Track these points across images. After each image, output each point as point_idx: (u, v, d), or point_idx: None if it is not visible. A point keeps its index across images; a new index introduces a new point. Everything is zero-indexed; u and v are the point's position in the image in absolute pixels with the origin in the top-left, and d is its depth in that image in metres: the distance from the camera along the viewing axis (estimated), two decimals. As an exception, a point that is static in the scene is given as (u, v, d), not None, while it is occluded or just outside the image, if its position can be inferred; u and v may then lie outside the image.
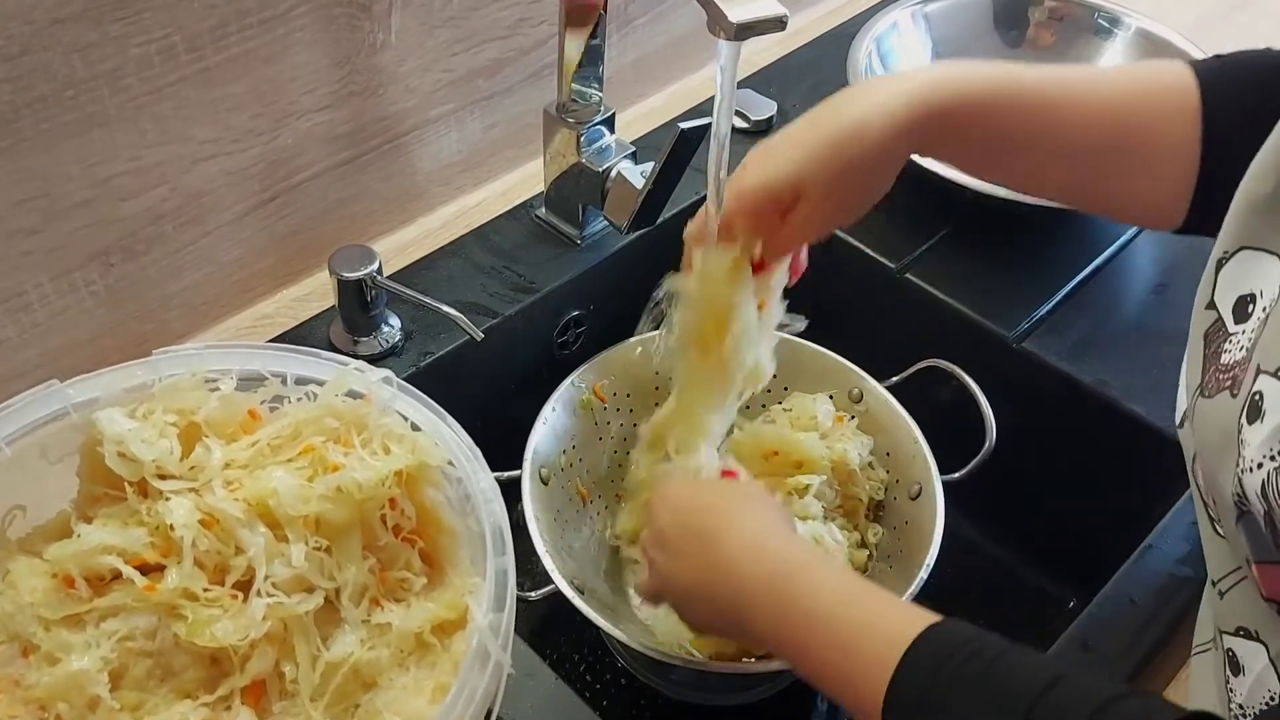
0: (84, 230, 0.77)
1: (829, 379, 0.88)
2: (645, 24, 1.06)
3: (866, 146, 0.63)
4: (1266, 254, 0.51)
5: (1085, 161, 0.65)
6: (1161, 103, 0.63)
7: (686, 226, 0.72)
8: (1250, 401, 0.47)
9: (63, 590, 0.57)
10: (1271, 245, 0.51)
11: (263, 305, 0.92)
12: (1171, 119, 0.63)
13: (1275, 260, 0.50)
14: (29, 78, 0.68)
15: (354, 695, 0.58)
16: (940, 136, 0.64)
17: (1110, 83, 0.65)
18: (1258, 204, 0.52)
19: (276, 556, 0.58)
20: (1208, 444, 0.51)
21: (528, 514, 0.78)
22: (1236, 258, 0.53)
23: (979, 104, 0.63)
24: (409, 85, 0.90)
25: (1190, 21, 1.15)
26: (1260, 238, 0.51)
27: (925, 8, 1.12)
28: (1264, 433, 0.46)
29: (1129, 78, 0.65)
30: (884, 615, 0.54)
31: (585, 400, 0.87)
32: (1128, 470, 0.89)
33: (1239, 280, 0.52)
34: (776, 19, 0.63)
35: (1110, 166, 0.64)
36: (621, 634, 0.73)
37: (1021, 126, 0.64)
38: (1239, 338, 0.51)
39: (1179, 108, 0.63)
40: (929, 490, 0.81)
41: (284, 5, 0.78)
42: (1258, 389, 0.47)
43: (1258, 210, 0.52)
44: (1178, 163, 0.63)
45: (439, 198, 1.00)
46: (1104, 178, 0.65)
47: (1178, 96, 0.63)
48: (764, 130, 1.09)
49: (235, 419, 0.62)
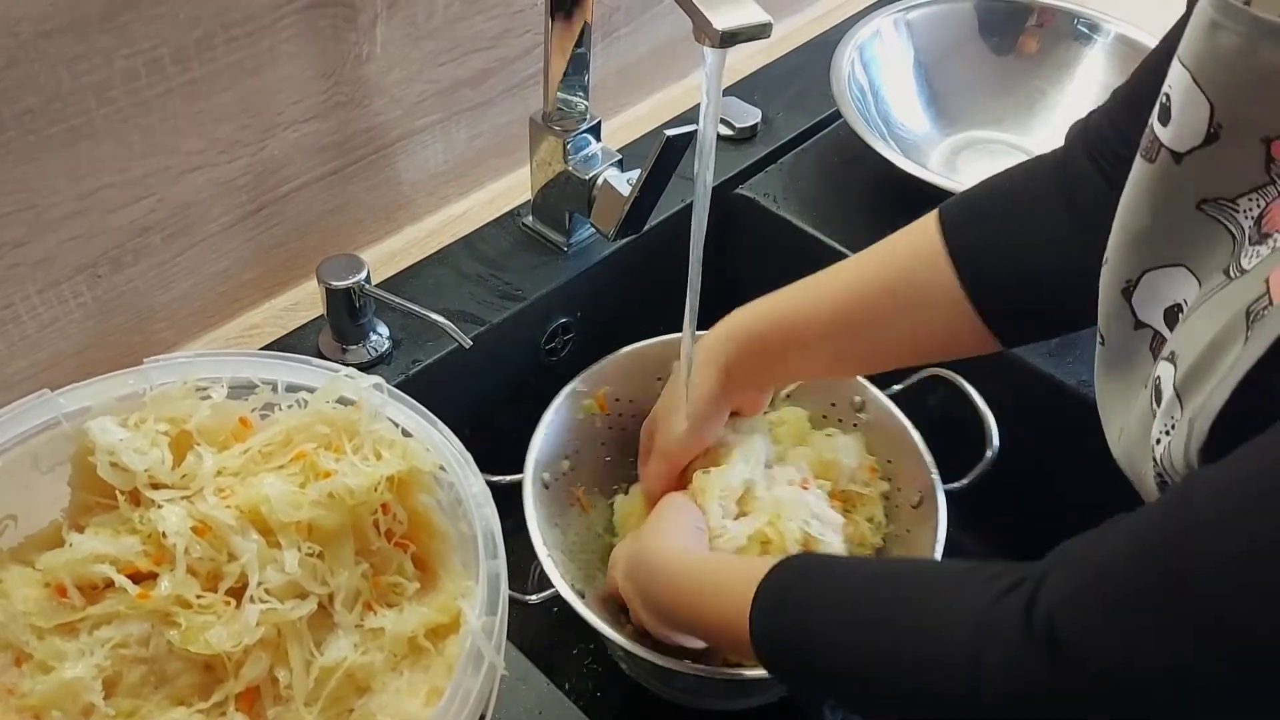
0: (71, 242, 0.77)
1: (831, 388, 0.89)
2: (630, 32, 1.07)
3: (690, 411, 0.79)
4: (1173, 268, 0.53)
5: (854, 335, 0.74)
6: (906, 255, 0.72)
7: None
8: (1155, 388, 0.50)
9: (55, 599, 0.57)
10: (1173, 260, 0.53)
11: (251, 315, 0.92)
12: (919, 264, 0.71)
13: (1182, 270, 0.53)
14: (15, 90, 0.69)
15: (348, 700, 0.58)
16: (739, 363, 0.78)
17: (865, 257, 0.75)
18: (1140, 236, 0.54)
19: (269, 563, 0.58)
20: (1131, 450, 0.55)
21: (529, 517, 0.78)
22: (1143, 282, 0.55)
23: (750, 331, 0.78)
24: (394, 96, 0.90)
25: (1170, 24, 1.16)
26: (1158, 258, 0.54)
27: (908, 15, 1.13)
28: (1161, 410, 0.49)
29: (882, 246, 0.75)
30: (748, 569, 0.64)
31: (587, 406, 0.88)
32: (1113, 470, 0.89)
33: (1156, 298, 0.55)
34: (761, 26, 0.64)
35: (877, 329, 0.74)
36: (621, 639, 0.74)
37: (786, 333, 0.76)
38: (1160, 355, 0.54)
39: (925, 252, 0.71)
40: (930, 500, 0.81)
41: (269, 17, 0.78)
42: (1157, 374, 0.50)
43: (1142, 241, 0.54)
44: (943, 301, 0.70)
45: (425, 207, 1.00)
46: (881, 339, 0.74)
47: (923, 245, 0.71)
48: (748, 137, 1.10)
49: (227, 427, 0.62)
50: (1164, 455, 0.48)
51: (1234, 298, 0.46)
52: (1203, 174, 0.50)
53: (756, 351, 0.77)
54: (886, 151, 1.00)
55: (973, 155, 1.12)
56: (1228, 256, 0.49)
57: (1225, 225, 0.50)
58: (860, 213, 1.03)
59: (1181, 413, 0.47)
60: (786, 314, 0.77)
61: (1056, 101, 1.14)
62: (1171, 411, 0.48)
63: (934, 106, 1.14)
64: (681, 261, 0.77)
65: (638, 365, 0.89)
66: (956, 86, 1.15)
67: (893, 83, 1.12)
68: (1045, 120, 1.13)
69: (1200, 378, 0.46)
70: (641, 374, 0.89)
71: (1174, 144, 0.50)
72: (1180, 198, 0.51)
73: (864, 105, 1.07)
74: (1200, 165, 0.50)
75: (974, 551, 1.02)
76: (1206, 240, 0.50)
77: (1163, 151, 0.51)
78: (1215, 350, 0.46)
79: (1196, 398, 0.46)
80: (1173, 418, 0.48)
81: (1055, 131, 1.12)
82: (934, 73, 1.15)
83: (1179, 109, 0.50)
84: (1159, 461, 0.49)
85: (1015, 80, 1.15)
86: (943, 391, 0.87)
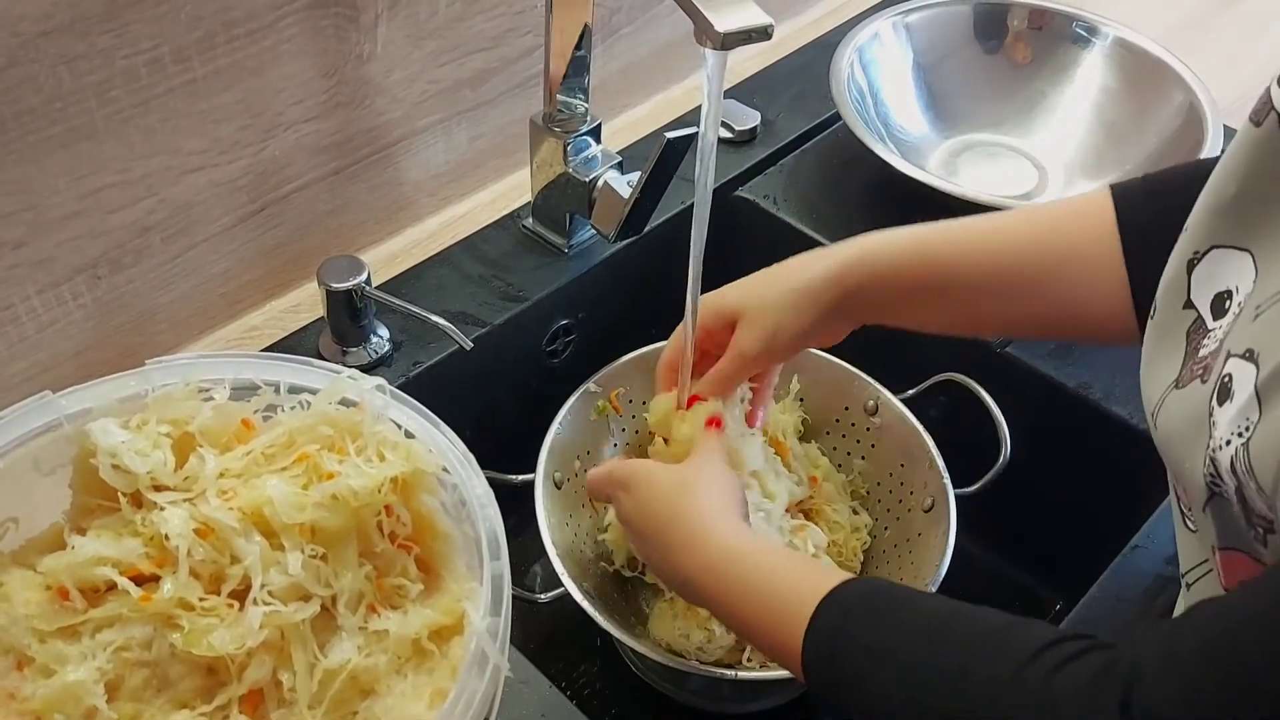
0: (71, 243, 0.77)
1: (845, 391, 0.89)
2: (630, 34, 1.07)
3: (795, 286, 0.71)
4: (1237, 251, 0.53)
5: (1006, 294, 0.69)
6: (1075, 225, 0.68)
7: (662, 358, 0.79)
8: (1220, 384, 0.49)
9: (57, 602, 0.57)
10: (1241, 242, 0.52)
11: (251, 317, 0.91)
12: (1087, 238, 0.67)
13: (1247, 256, 0.52)
14: (16, 90, 0.68)
15: (352, 702, 0.58)
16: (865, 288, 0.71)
17: (1023, 218, 0.70)
18: (1223, 206, 0.53)
19: (272, 565, 0.58)
20: (1175, 434, 0.53)
21: (540, 517, 0.78)
22: (1208, 257, 0.54)
23: (894, 259, 0.71)
24: (396, 96, 0.90)
25: (1171, 28, 1.17)
26: (1230, 236, 0.53)
27: (906, 18, 1.13)
28: (1232, 411, 0.47)
29: (1044, 209, 0.70)
30: (806, 579, 0.59)
31: (601, 406, 0.88)
32: (1113, 471, 0.90)
33: (1212, 278, 0.54)
34: (763, 29, 0.64)
35: (1031, 294, 0.69)
36: (632, 641, 0.74)
37: (932, 274, 0.70)
38: (1215, 332, 0.53)
39: (1094, 227, 0.67)
40: (942, 504, 0.81)
41: (271, 16, 0.78)
42: (1227, 372, 0.49)
43: (1223, 212, 0.53)
44: (1103, 280, 0.66)
45: (426, 208, 1.00)
46: (1031, 305, 0.69)
47: (1092, 217, 0.67)
48: (748, 139, 1.10)
49: (229, 428, 0.62)
50: (1233, 458, 0.46)
51: None
52: None
53: (892, 284, 0.71)
54: (886, 154, 1.00)
55: (972, 158, 1.12)
56: None
57: None
58: (860, 215, 1.03)
59: (1261, 416, 0.45)
60: (937, 254, 0.70)
61: (1055, 104, 1.14)
62: (1248, 414, 0.46)
63: (933, 109, 1.14)
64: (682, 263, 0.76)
65: (652, 366, 0.89)
66: (955, 89, 1.15)
67: (892, 85, 1.12)
68: (1044, 123, 1.14)
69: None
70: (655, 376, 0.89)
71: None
72: (1272, 168, 0.50)
73: (863, 107, 1.07)
74: None
75: (979, 556, 1.02)
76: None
77: (1271, 115, 0.50)
78: None
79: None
80: (1249, 419, 0.46)
81: (1053, 134, 1.13)
82: (933, 75, 1.15)
83: None
84: (1216, 462, 0.47)
85: (1014, 83, 1.15)
86: (951, 396, 0.87)
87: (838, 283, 0.70)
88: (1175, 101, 1.06)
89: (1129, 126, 1.09)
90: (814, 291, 0.71)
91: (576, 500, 0.86)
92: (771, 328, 0.71)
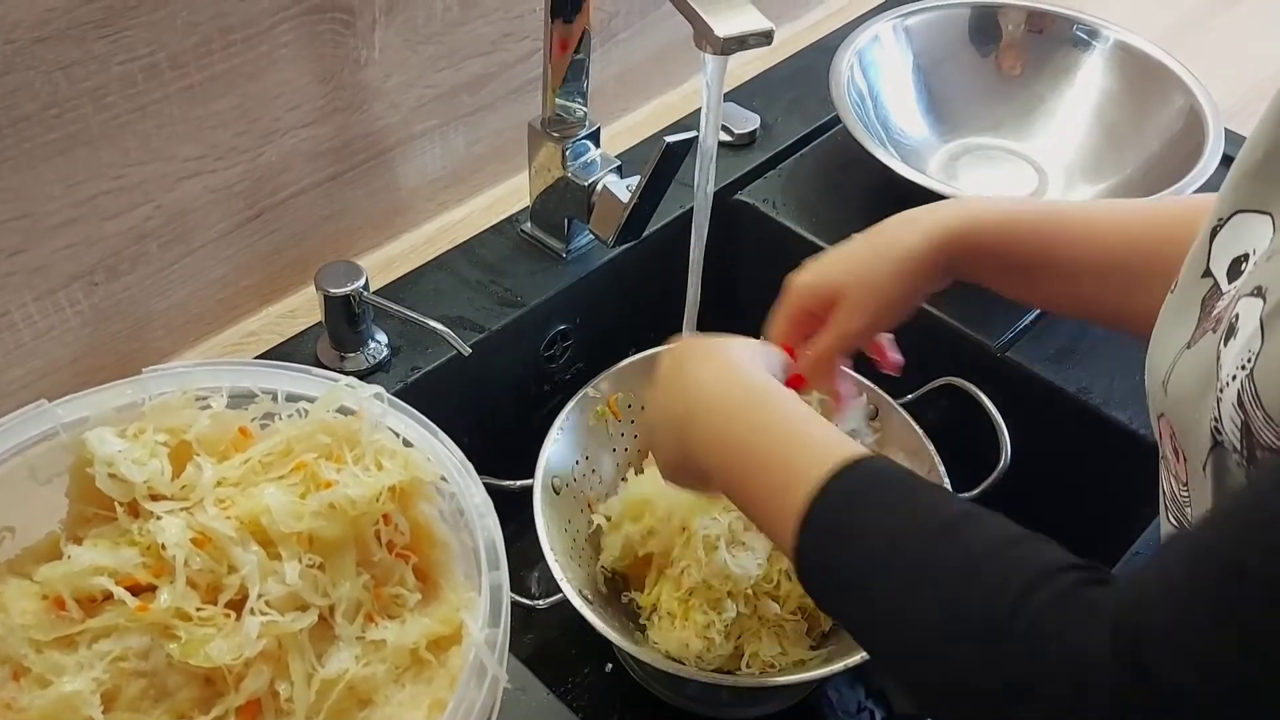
0: (67, 250, 0.76)
1: None
2: (629, 38, 1.07)
3: (900, 256, 0.69)
4: (1259, 215, 0.53)
5: (1103, 279, 0.68)
6: (1176, 224, 0.66)
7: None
8: (1229, 326, 0.49)
9: (53, 612, 0.57)
10: (1264, 205, 0.52)
11: (248, 322, 0.91)
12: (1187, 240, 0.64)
13: (1267, 219, 0.52)
14: (11, 96, 0.68)
15: (350, 712, 0.58)
16: (968, 257, 0.69)
17: (1129, 208, 0.70)
18: (1250, 169, 0.53)
19: (270, 574, 0.57)
20: (1187, 393, 0.52)
21: (539, 523, 0.78)
22: (1230, 223, 0.54)
23: (1001, 229, 0.69)
24: (393, 101, 0.90)
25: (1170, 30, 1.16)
26: (1254, 200, 0.53)
27: (906, 21, 1.13)
28: (1237, 346, 0.47)
29: (1149, 204, 0.70)
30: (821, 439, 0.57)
31: (600, 411, 0.88)
32: (1113, 476, 0.89)
33: (1233, 243, 0.54)
34: (763, 33, 0.64)
35: (1127, 284, 0.67)
36: (631, 647, 0.73)
37: (1039, 249, 0.69)
38: (1230, 294, 0.53)
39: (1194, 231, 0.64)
40: None
41: (267, 22, 0.78)
42: (1236, 312, 0.49)
43: (1249, 175, 0.53)
44: None
45: (424, 213, 0.99)
46: (1123, 295, 0.68)
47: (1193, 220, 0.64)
48: (747, 143, 1.10)
49: (226, 437, 0.62)
50: (1240, 391, 0.46)
51: None
52: None
53: (998, 256, 0.69)
54: (885, 157, 1.00)
55: (971, 161, 1.12)
56: None
57: None
58: (859, 218, 1.02)
59: (1263, 344, 0.45)
60: (1049, 227, 0.68)
61: (1055, 108, 1.14)
62: (1250, 345, 0.46)
63: (933, 112, 1.14)
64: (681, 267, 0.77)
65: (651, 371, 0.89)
66: (955, 92, 1.15)
67: (891, 88, 1.12)
68: (1044, 126, 1.13)
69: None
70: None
71: None
72: None
73: (863, 111, 1.07)
74: None
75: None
76: None
77: None
78: None
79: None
80: (1251, 351, 0.46)
81: (1053, 137, 1.13)
82: (933, 78, 1.15)
83: None
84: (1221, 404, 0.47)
85: (1014, 86, 1.15)
86: (951, 401, 0.87)
87: (944, 252, 0.69)
88: (1176, 104, 1.06)
89: (1129, 129, 1.09)
90: (917, 264, 0.69)
91: (575, 506, 0.86)
92: (876, 304, 0.70)
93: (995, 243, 0.69)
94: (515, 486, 0.82)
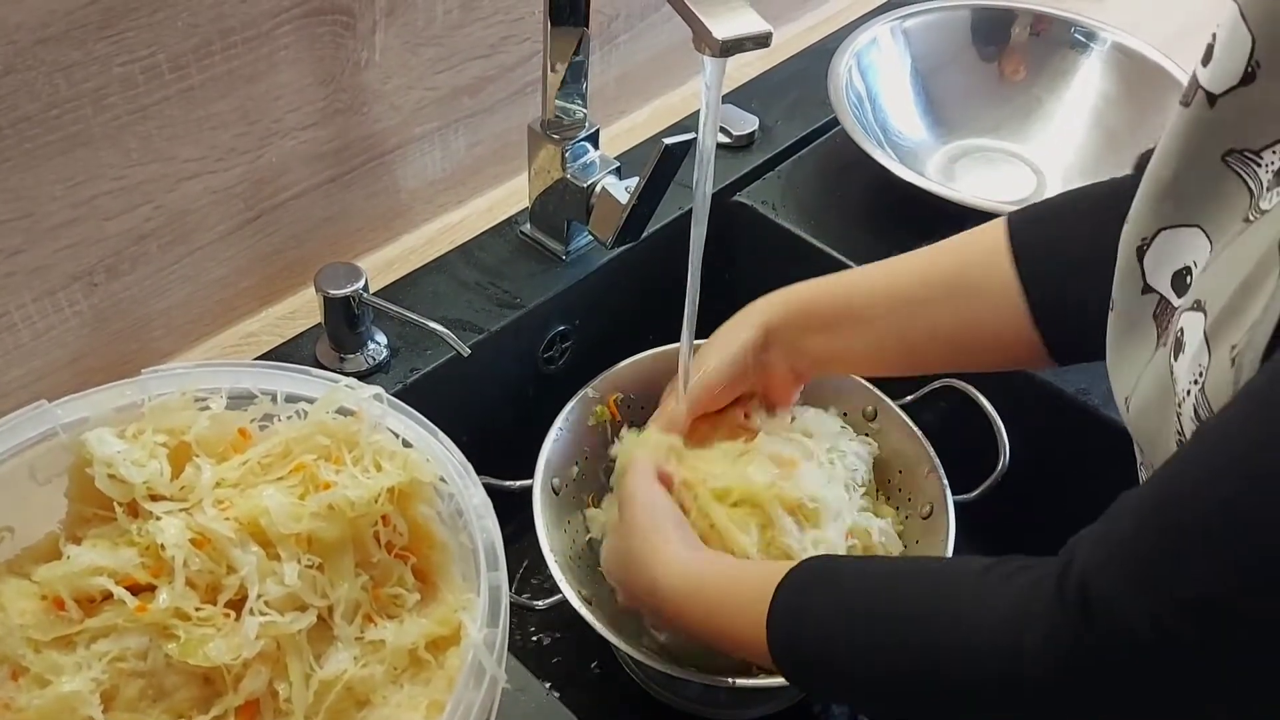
0: (67, 250, 0.77)
1: (844, 397, 0.89)
2: (628, 40, 1.07)
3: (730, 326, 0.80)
4: (1186, 228, 0.54)
5: (906, 312, 0.74)
6: (970, 246, 0.72)
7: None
8: (1175, 340, 0.51)
9: (52, 612, 0.57)
10: (1189, 219, 0.54)
11: (248, 324, 0.91)
12: (981, 256, 0.71)
13: (1197, 231, 0.53)
14: (12, 97, 0.68)
15: (349, 713, 0.58)
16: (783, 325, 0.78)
17: (925, 248, 0.75)
18: (1163, 188, 0.55)
19: (269, 575, 0.57)
20: (1147, 408, 0.55)
21: (538, 523, 0.78)
22: (1157, 240, 0.56)
23: (805, 292, 0.78)
24: (393, 103, 0.90)
25: (1168, 34, 1.16)
26: (1176, 216, 0.55)
27: (904, 24, 1.13)
28: (1186, 361, 0.49)
29: (945, 241, 0.75)
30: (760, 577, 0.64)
31: (599, 412, 0.88)
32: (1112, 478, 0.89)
33: (1167, 259, 0.55)
34: (761, 35, 0.64)
35: (930, 310, 0.73)
36: (629, 648, 0.73)
37: (839, 302, 0.77)
38: (1181, 308, 0.53)
39: (986, 247, 0.71)
40: (940, 510, 0.81)
41: (268, 24, 0.78)
42: (1180, 326, 0.51)
43: (1165, 194, 0.55)
44: (1002, 296, 0.70)
45: (423, 215, 1.00)
46: (930, 322, 0.74)
47: (988, 238, 0.71)
48: (746, 145, 1.10)
49: (225, 438, 0.62)
50: (1195, 406, 0.48)
51: (1260, 236, 0.47)
52: (1233, 119, 0.51)
53: (802, 317, 0.78)
54: (884, 159, 1.00)
55: (970, 163, 1.12)
56: (1244, 209, 0.50)
57: (1245, 180, 0.50)
58: (858, 220, 1.03)
59: (1210, 359, 0.47)
60: (842, 288, 0.77)
61: (1053, 110, 1.14)
62: (1199, 359, 0.48)
63: (931, 114, 1.14)
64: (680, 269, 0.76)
65: (650, 372, 0.89)
66: (953, 94, 1.15)
67: (890, 90, 1.12)
68: (1042, 128, 1.13)
69: (1233, 320, 0.46)
70: (654, 381, 0.88)
71: (1211, 85, 0.51)
72: (1209, 145, 0.52)
73: (861, 113, 1.07)
74: (1233, 108, 0.51)
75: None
76: (1225, 197, 0.51)
77: (1199, 94, 0.52)
78: (1248, 290, 0.45)
79: (1230, 338, 0.46)
80: (1200, 365, 0.47)
81: (1051, 139, 1.13)
82: (931, 81, 1.15)
83: (1221, 47, 0.51)
84: (1181, 418, 0.49)
85: (1012, 88, 1.15)
86: (950, 402, 0.87)
87: (759, 316, 0.79)
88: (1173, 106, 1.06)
89: (1127, 132, 1.09)
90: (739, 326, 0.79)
91: (574, 506, 0.86)
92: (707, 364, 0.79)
93: (798, 304, 0.78)
94: (514, 487, 0.83)
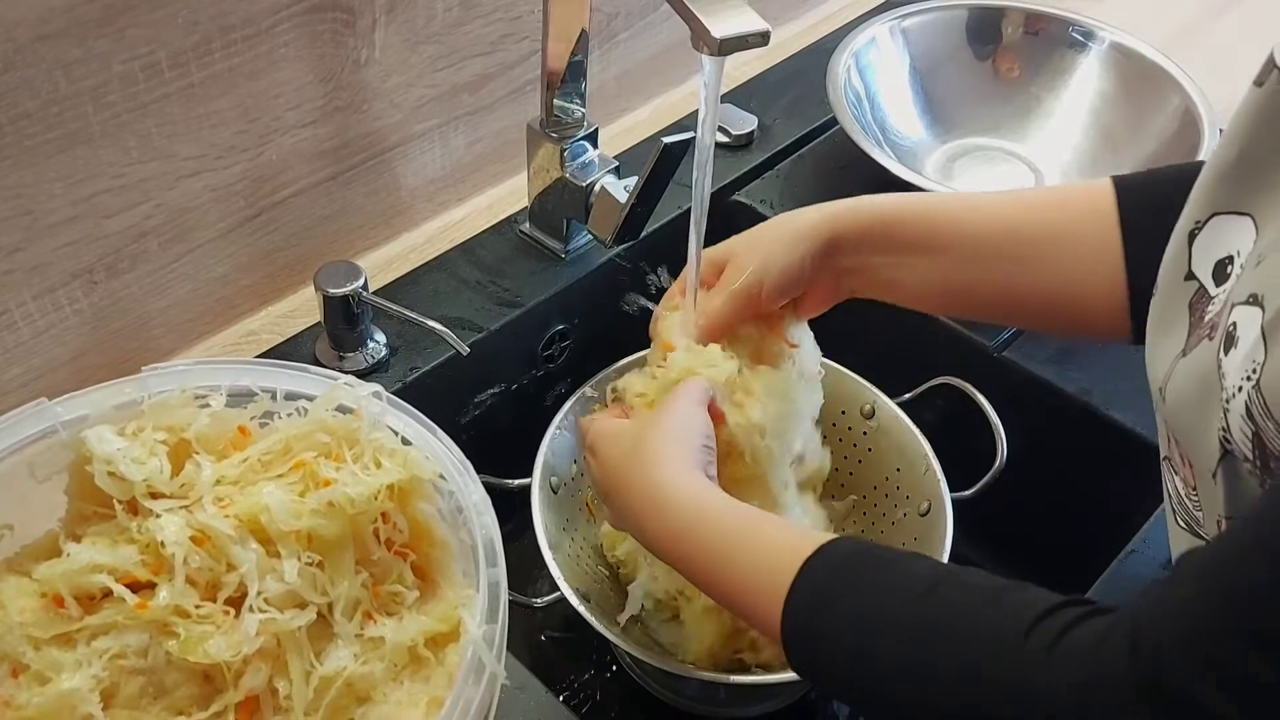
0: (67, 248, 0.77)
1: (842, 395, 0.89)
2: (627, 39, 1.07)
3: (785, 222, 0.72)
4: (1238, 216, 0.53)
5: (996, 262, 0.68)
6: (1075, 205, 0.67)
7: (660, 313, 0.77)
8: (1226, 335, 0.49)
9: (52, 609, 0.57)
10: (1242, 206, 0.53)
11: (248, 322, 0.91)
12: (1086, 218, 0.66)
13: (1247, 220, 0.52)
14: (12, 94, 0.68)
15: (348, 710, 0.58)
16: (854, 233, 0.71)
17: (1021, 193, 0.70)
18: (1225, 171, 0.53)
19: (269, 572, 0.57)
20: (1185, 401, 0.53)
21: (536, 521, 0.78)
22: (1209, 225, 0.54)
23: (885, 207, 0.71)
24: (393, 101, 0.90)
25: (1167, 33, 1.17)
26: (1231, 201, 0.53)
27: (903, 23, 1.14)
28: (1239, 357, 0.47)
29: (1046, 190, 0.71)
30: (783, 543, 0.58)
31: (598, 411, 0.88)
32: (1109, 476, 0.90)
33: (1214, 246, 0.54)
34: (759, 34, 0.64)
35: (1023, 267, 0.68)
36: (628, 646, 0.73)
37: (920, 229, 0.70)
38: (1219, 297, 0.53)
39: (1095, 209, 0.66)
40: (938, 508, 0.81)
41: (268, 22, 0.78)
42: (1232, 320, 0.49)
43: (1225, 177, 0.53)
44: (1100, 262, 0.65)
45: (423, 213, 1.00)
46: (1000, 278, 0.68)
47: (1094, 200, 0.66)
48: (745, 144, 1.10)
49: (225, 435, 0.62)
50: (1248, 402, 0.46)
51: None
52: None
53: (882, 239, 0.70)
54: (882, 158, 1.00)
55: (968, 162, 1.13)
56: None
57: None
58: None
59: (1266, 355, 0.45)
60: (925, 217, 0.70)
61: (1052, 109, 1.14)
62: (1254, 356, 0.46)
63: (929, 113, 1.14)
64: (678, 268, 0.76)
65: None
66: (952, 94, 1.15)
67: (888, 90, 1.13)
68: (1040, 127, 1.14)
69: None
70: None
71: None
72: (1273, 127, 0.50)
73: (860, 112, 1.07)
74: None
75: (974, 561, 1.01)
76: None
77: (1274, 73, 0.51)
78: None
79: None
80: (1255, 362, 0.46)
81: (1050, 138, 1.13)
82: (929, 80, 1.15)
83: None
84: (1229, 414, 0.47)
85: (1010, 88, 1.15)
86: (948, 400, 0.87)
87: (829, 223, 0.70)
88: (1171, 105, 1.06)
89: (1125, 131, 1.10)
90: (803, 230, 0.70)
91: (573, 505, 0.86)
92: (758, 263, 0.70)
93: (881, 222, 0.70)
94: (514, 485, 0.83)
